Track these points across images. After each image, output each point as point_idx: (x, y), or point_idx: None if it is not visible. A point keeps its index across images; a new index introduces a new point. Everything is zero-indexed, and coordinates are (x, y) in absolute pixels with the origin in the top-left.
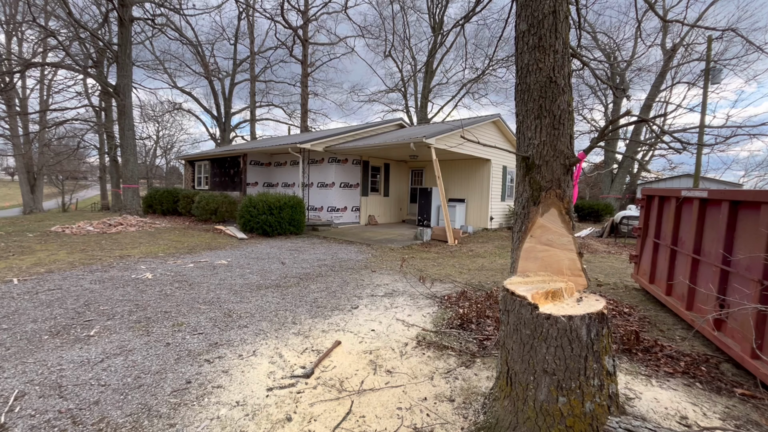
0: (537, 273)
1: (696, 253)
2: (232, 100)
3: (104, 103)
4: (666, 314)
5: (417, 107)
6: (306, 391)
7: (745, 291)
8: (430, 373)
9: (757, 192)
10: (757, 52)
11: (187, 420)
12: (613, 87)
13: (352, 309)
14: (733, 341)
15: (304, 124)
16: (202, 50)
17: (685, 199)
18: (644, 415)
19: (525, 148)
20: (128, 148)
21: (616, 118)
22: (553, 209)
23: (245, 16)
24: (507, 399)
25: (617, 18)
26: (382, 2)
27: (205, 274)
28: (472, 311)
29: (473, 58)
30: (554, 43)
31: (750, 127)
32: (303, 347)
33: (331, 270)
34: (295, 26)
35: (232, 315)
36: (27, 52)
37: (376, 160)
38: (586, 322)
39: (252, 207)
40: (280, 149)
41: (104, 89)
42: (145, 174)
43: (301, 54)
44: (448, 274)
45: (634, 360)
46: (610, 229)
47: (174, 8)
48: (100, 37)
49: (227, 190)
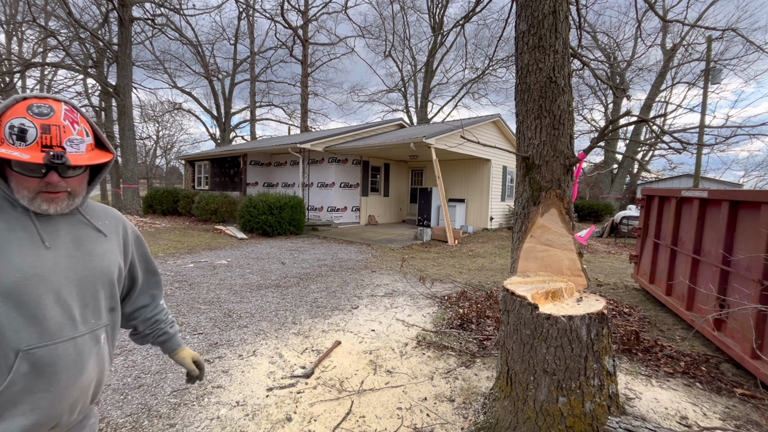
0: (537, 273)
1: (696, 253)
2: (232, 100)
3: (104, 103)
4: (666, 314)
5: (417, 107)
6: (306, 391)
7: (745, 291)
8: (430, 373)
9: (757, 192)
10: (757, 52)
11: (187, 420)
12: (613, 87)
13: (352, 309)
14: (733, 341)
15: (304, 124)
16: (202, 50)
17: (684, 199)
18: (644, 415)
19: (525, 148)
20: (128, 148)
21: (616, 118)
22: (553, 209)
23: (245, 16)
24: (507, 399)
25: (617, 18)
26: (382, 2)
27: (205, 274)
28: (472, 311)
29: (473, 58)
30: (554, 43)
31: (750, 127)
32: (303, 347)
33: (331, 270)
34: (295, 26)
35: (232, 315)
36: (27, 52)
37: (376, 160)
38: (586, 322)
39: (252, 207)
40: (280, 149)
41: (104, 89)
42: (145, 174)
43: (301, 54)
44: (448, 274)
45: (634, 360)
46: (610, 229)
47: (174, 8)
48: (100, 37)
49: (227, 190)
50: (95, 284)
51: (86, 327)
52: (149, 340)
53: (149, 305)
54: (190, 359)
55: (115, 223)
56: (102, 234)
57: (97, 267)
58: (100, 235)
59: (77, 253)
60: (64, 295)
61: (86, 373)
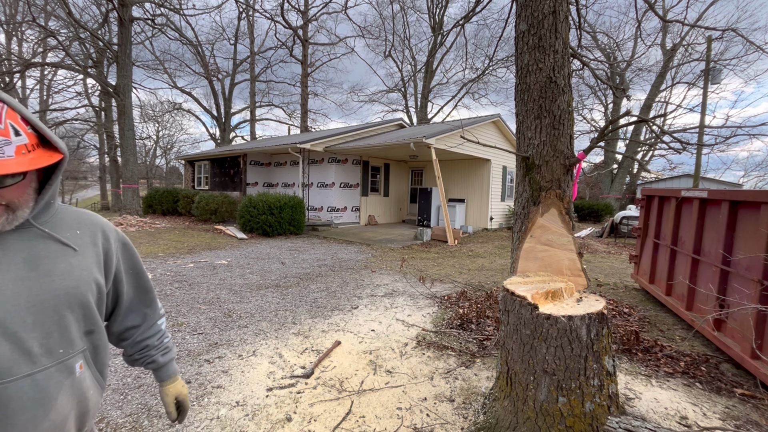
0: (537, 273)
1: (696, 253)
2: (232, 100)
3: (104, 103)
4: (666, 314)
5: (417, 107)
6: (306, 391)
7: (745, 291)
8: (430, 373)
9: (757, 192)
10: (757, 52)
11: (187, 420)
12: (613, 87)
13: (352, 309)
14: (733, 341)
15: (304, 124)
16: (202, 50)
17: (684, 199)
18: (644, 415)
19: (525, 148)
20: (128, 148)
21: (616, 118)
22: (553, 209)
23: (245, 16)
24: (507, 399)
25: (617, 18)
26: (382, 2)
27: (205, 274)
28: (472, 311)
29: (473, 58)
30: (554, 43)
31: (749, 127)
32: (303, 347)
33: (331, 270)
34: (295, 26)
35: (232, 315)
36: (27, 52)
37: (376, 160)
38: (586, 322)
39: (252, 207)
40: (280, 149)
41: (104, 89)
42: (145, 174)
43: (301, 54)
44: (448, 274)
45: (634, 360)
46: (610, 229)
47: (174, 8)
48: (100, 37)
49: (227, 190)
50: (59, 309)
51: (51, 359)
52: (140, 365)
53: (140, 326)
54: (173, 398)
55: (92, 231)
56: (69, 247)
57: (59, 288)
58: (66, 249)
59: (31, 275)
60: (12, 327)
61: (55, 410)
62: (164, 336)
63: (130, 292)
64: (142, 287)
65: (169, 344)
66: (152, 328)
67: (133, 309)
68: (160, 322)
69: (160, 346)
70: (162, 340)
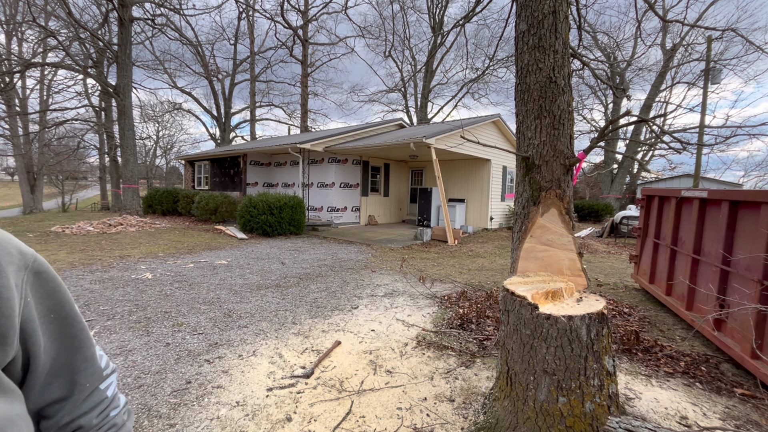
0: (537, 273)
1: (696, 253)
2: (232, 100)
3: (104, 103)
4: (666, 314)
5: (417, 107)
6: (306, 392)
7: (745, 291)
8: (430, 373)
9: (757, 192)
10: (756, 52)
11: (187, 420)
12: (613, 87)
13: (352, 309)
14: (733, 341)
15: (304, 124)
16: (202, 50)
17: (684, 199)
18: (644, 415)
19: (525, 148)
20: (128, 148)
21: (616, 118)
22: (553, 209)
23: (245, 16)
24: (507, 399)
25: (617, 18)
26: (382, 2)
27: (205, 274)
28: (472, 311)
29: (473, 58)
30: (554, 43)
31: (749, 127)
32: (303, 347)
33: (331, 270)
34: (295, 26)
35: (232, 315)
36: (27, 52)
37: (376, 160)
38: (586, 322)
39: (252, 207)
40: (280, 149)
41: (104, 89)
42: (145, 174)
43: (301, 54)
44: (448, 274)
45: (634, 360)
46: (610, 229)
47: (174, 8)
48: (100, 37)
49: (227, 190)
50: None
51: None
52: None
53: (66, 401)
54: None
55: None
56: None
57: None
58: None
59: None
60: None
61: None
62: (111, 406)
63: (51, 348)
64: (69, 338)
65: (123, 418)
66: (89, 400)
67: (55, 374)
68: (104, 386)
69: (103, 425)
70: (107, 415)
